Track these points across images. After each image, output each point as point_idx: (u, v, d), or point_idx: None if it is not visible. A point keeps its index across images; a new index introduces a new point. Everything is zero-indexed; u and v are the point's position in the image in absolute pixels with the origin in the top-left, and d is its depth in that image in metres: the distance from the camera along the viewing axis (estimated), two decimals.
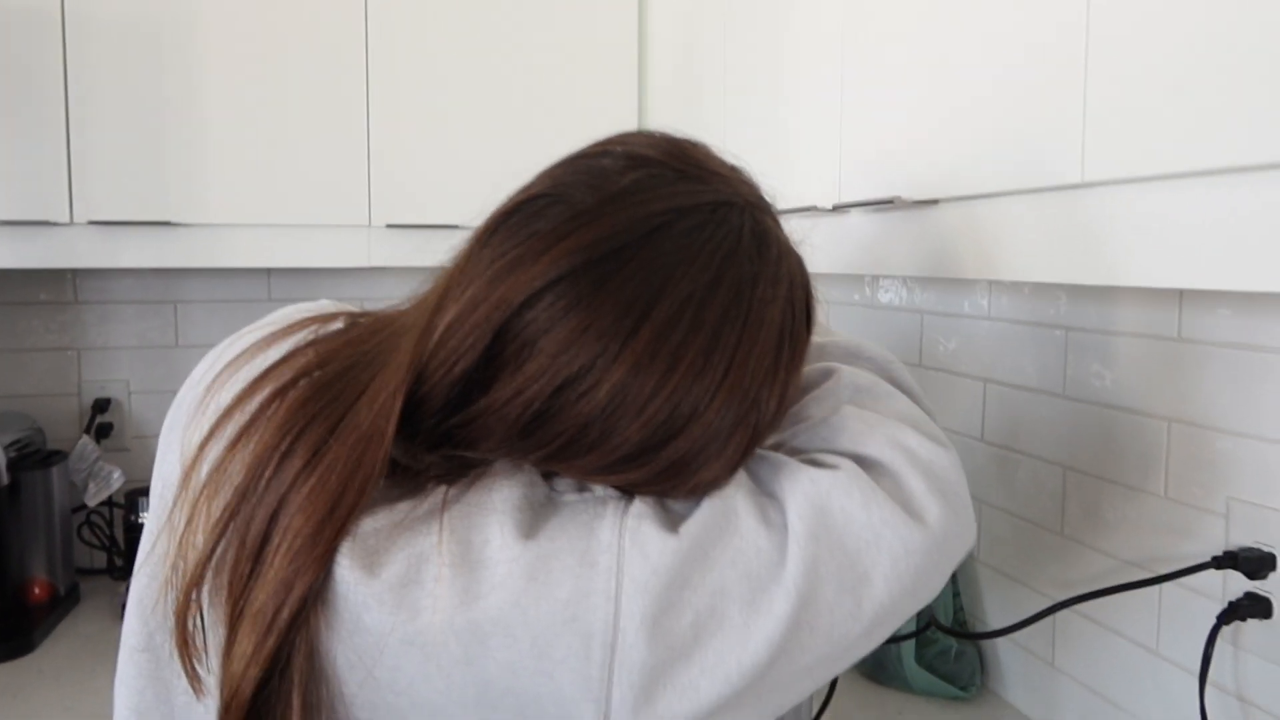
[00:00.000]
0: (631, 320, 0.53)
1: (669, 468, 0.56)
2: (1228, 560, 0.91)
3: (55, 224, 1.48)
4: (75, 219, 1.48)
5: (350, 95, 1.57)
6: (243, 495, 0.55)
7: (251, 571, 0.53)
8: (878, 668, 1.34)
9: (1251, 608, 0.90)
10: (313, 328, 0.64)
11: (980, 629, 1.34)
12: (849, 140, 1.00)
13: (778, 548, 0.54)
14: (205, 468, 0.58)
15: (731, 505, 0.56)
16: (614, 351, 0.53)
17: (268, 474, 0.55)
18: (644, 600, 0.52)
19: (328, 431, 0.55)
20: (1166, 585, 1.01)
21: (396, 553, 0.53)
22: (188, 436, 0.62)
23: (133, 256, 1.52)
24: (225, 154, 1.53)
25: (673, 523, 0.55)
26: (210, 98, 1.52)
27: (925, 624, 1.24)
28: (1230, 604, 0.91)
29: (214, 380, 0.63)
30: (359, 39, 1.55)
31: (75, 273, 1.82)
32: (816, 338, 0.68)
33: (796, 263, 0.61)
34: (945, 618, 1.31)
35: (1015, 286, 1.25)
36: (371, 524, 0.54)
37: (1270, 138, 0.54)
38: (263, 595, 0.52)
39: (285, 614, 0.52)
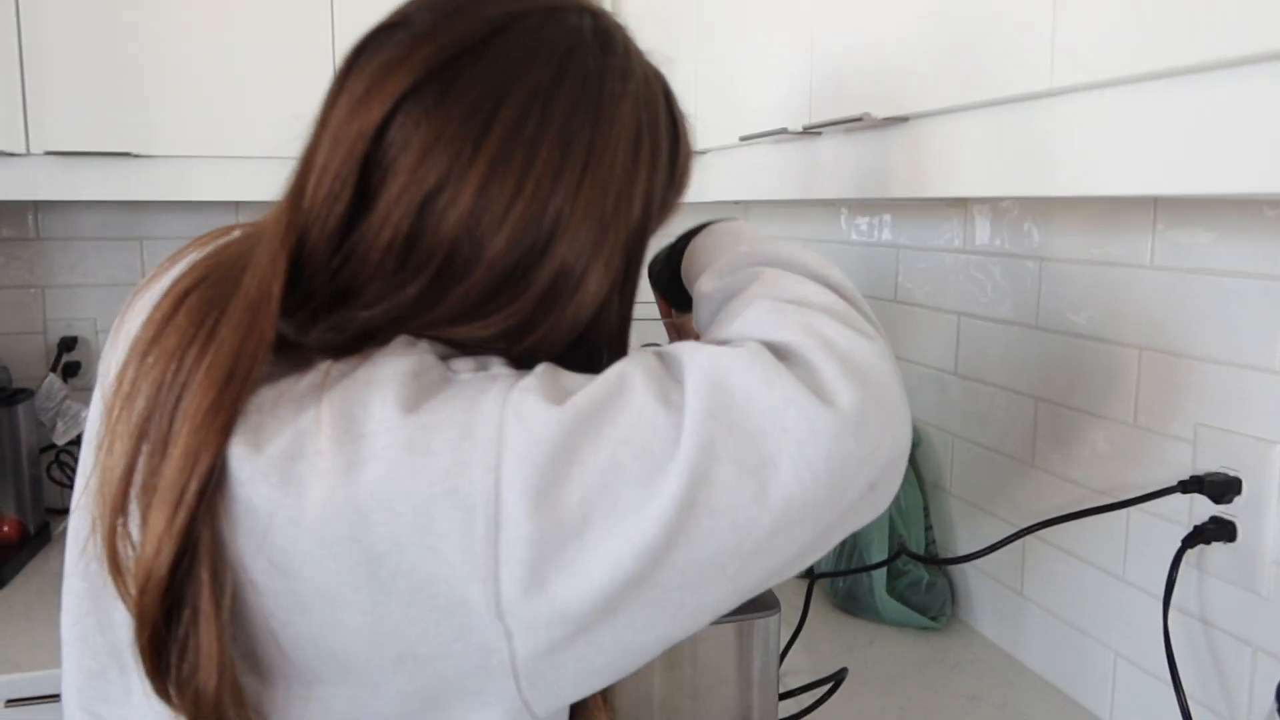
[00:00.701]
0: (479, 122, 0.54)
1: (550, 289, 0.57)
2: (1194, 484, 0.91)
3: (11, 154, 1.44)
4: (32, 149, 1.44)
5: (316, 22, 1.52)
6: (153, 402, 0.54)
7: (162, 461, 0.52)
8: (849, 599, 1.34)
9: (1216, 531, 0.90)
10: (212, 242, 0.64)
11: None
12: (819, 60, 0.97)
13: (675, 425, 0.51)
14: (123, 392, 0.56)
15: (625, 380, 0.53)
16: (468, 155, 0.54)
17: (170, 375, 0.54)
18: (525, 472, 0.50)
19: (220, 313, 0.55)
20: (1133, 512, 1.01)
21: (282, 427, 0.52)
22: (104, 369, 0.62)
23: (93, 189, 1.48)
24: (188, 82, 1.49)
25: (561, 398, 0.53)
26: (171, 22, 1.48)
27: (896, 552, 1.25)
28: (1195, 528, 0.91)
29: (124, 311, 0.62)
30: None
31: (38, 207, 1.78)
32: (756, 245, 0.67)
33: (651, 68, 0.63)
34: (917, 548, 1.32)
35: (990, 217, 1.24)
36: (258, 400, 0.54)
37: (1247, 29, 0.53)
38: (170, 473, 0.52)
39: (193, 487, 0.51)
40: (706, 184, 1.30)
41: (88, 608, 0.60)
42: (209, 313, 0.56)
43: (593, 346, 0.64)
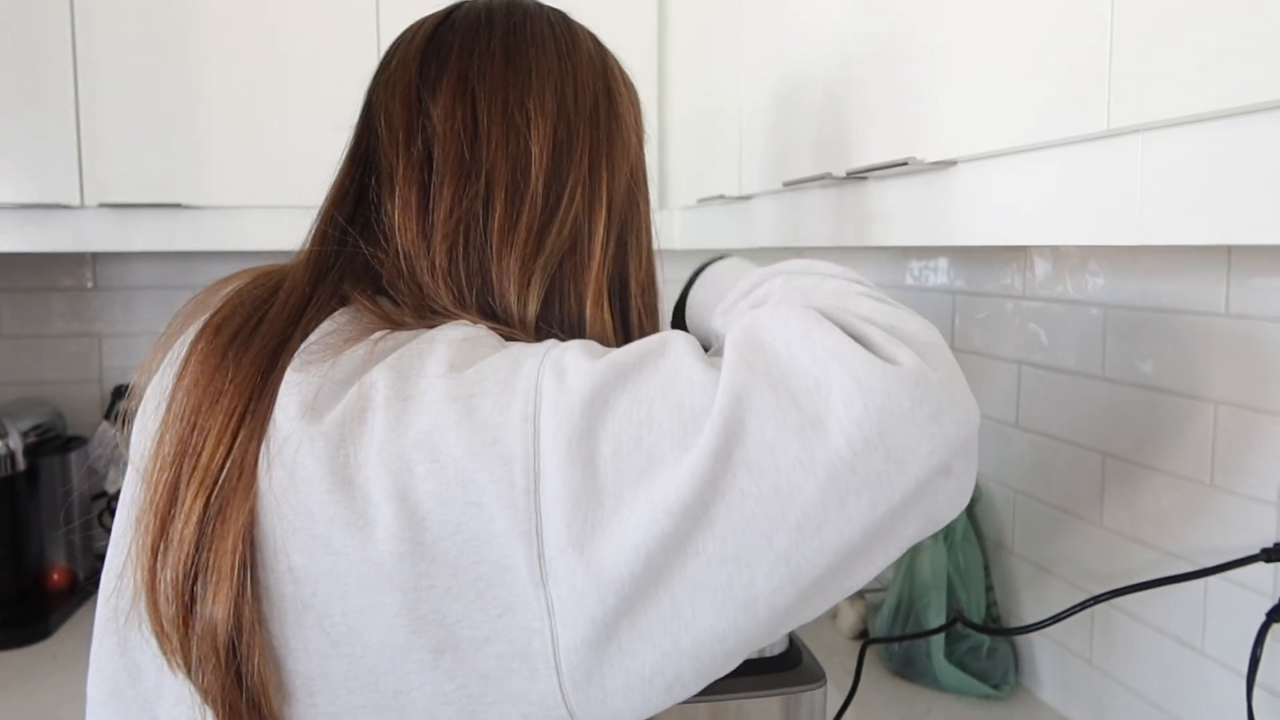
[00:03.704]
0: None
1: (571, 243, 0.63)
2: (1278, 553, 0.84)
3: (67, 207, 1.46)
4: (86, 202, 1.46)
5: (363, 73, 1.53)
6: (185, 440, 0.55)
7: (210, 495, 0.54)
8: (906, 664, 1.28)
9: None
10: (236, 282, 0.65)
11: (1014, 625, 1.27)
12: (861, 101, 0.94)
13: (713, 382, 0.49)
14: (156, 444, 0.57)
15: (667, 341, 0.52)
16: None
17: (205, 406, 0.56)
18: (560, 423, 0.49)
19: (252, 329, 0.59)
20: (1212, 579, 0.94)
21: (341, 395, 0.53)
22: (142, 426, 0.62)
23: (145, 239, 1.50)
24: (237, 134, 1.51)
25: (600, 355, 0.52)
26: (221, 77, 1.50)
27: (952, 619, 1.18)
28: None
29: (150, 362, 0.64)
30: (368, 25, 1.52)
31: (95, 258, 1.82)
32: (762, 270, 0.66)
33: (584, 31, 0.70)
34: (977, 613, 1.25)
35: (1051, 261, 1.18)
36: (317, 374, 0.55)
37: None
38: (205, 459, 0.54)
39: (231, 465, 0.53)
40: (752, 230, 1.27)
41: (117, 663, 0.59)
42: (238, 334, 0.58)
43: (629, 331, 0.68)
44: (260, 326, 0.59)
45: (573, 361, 0.52)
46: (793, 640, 0.89)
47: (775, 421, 0.47)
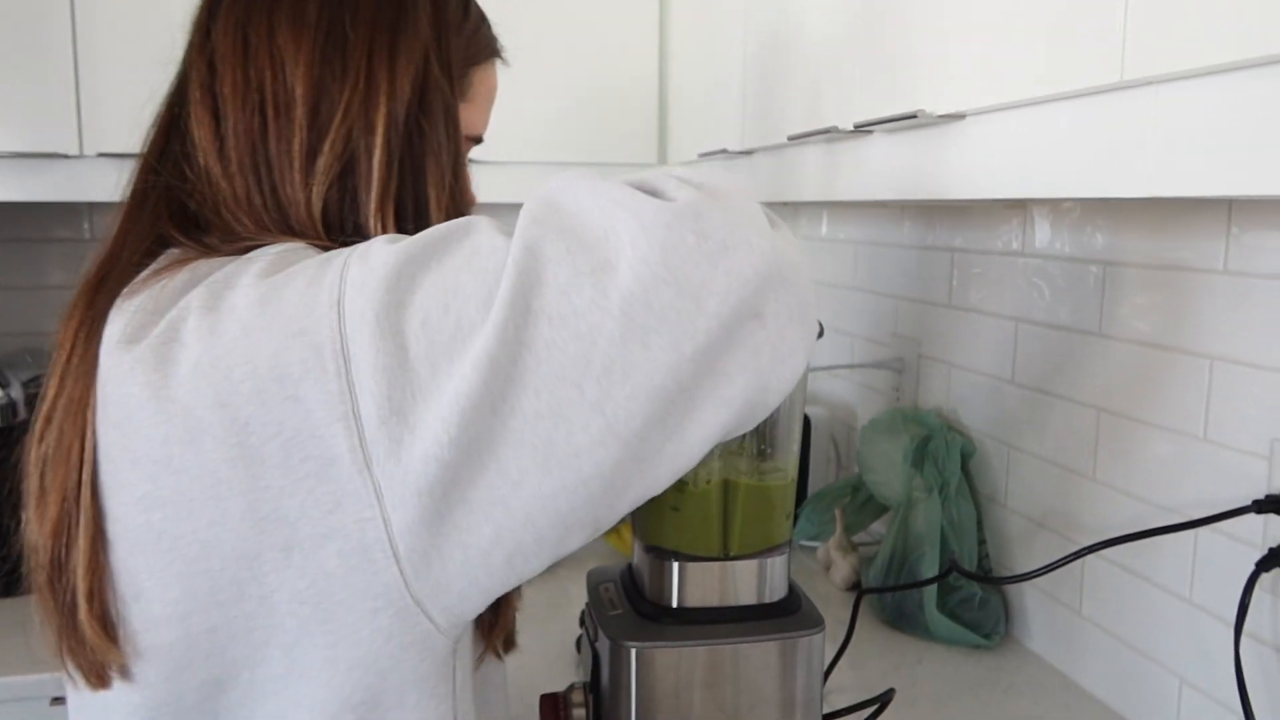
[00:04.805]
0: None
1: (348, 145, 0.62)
2: (1270, 504, 0.86)
3: (65, 156, 1.45)
4: (85, 151, 1.45)
5: None
6: (43, 392, 0.60)
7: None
8: (898, 615, 1.30)
9: None
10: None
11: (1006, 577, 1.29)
12: (866, 55, 0.94)
13: (511, 244, 0.51)
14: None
15: (471, 221, 0.54)
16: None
17: (56, 360, 0.59)
18: (363, 299, 0.50)
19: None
20: (1202, 531, 0.96)
21: (158, 320, 0.55)
22: None
23: None
24: None
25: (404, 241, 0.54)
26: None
27: (948, 568, 1.20)
28: (1271, 550, 0.86)
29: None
30: None
31: (91, 208, 1.80)
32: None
33: None
34: (970, 565, 1.27)
35: (1050, 219, 1.19)
36: (137, 302, 0.57)
37: None
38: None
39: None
40: (755, 185, 1.27)
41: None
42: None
43: None
44: (91, 275, 0.62)
45: (378, 248, 0.53)
46: (793, 587, 0.91)
47: (568, 267, 0.49)
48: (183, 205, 0.65)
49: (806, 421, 1.65)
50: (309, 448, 0.50)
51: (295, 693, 0.55)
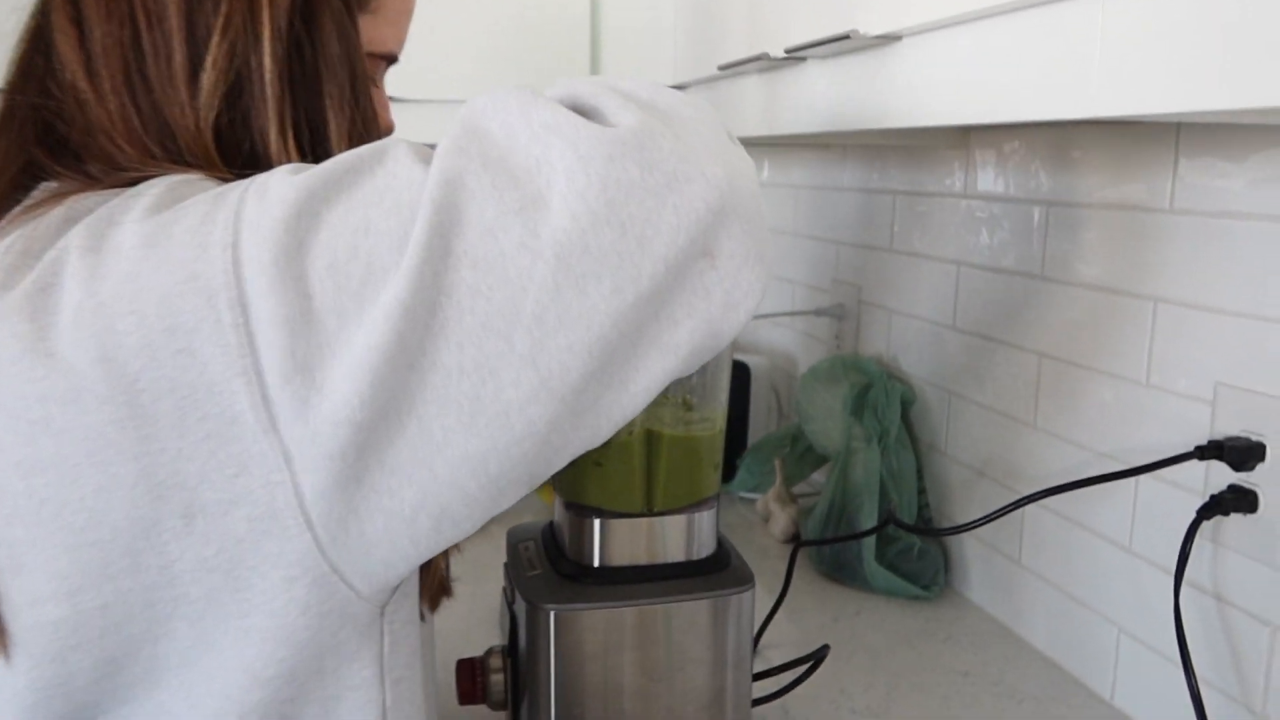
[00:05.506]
0: None
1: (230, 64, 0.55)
2: (1212, 450, 0.83)
3: None
4: None
5: None
6: None
7: None
8: (837, 567, 1.27)
9: (1235, 501, 0.82)
10: None
11: (946, 527, 1.27)
12: None
13: (429, 175, 0.45)
14: None
15: (385, 146, 0.48)
16: None
17: None
18: (260, 240, 0.44)
19: None
20: (1143, 479, 0.93)
21: (35, 264, 0.48)
22: None
23: None
24: None
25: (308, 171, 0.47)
26: None
27: (884, 520, 1.17)
28: (1212, 497, 0.83)
29: None
30: None
31: None
32: None
33: None
34: (909, 515, 1.24)
35: (994, 159, 1.15)
36: (7, 243, 0.50)
37: None
38: None
39: None
40: None
41: None
42: None
43: None
44: None
45: (278, 180, 0.46)
46: (721, 542, 0.86)
47: (494, 203, 0.44)
48: (49, 126, 0.57)
49: (746, 370, 1.61)
50: (206, 406, 0.45)
51: (205, 667, 0.50)
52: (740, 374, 1.61)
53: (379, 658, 0.53)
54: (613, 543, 0.81)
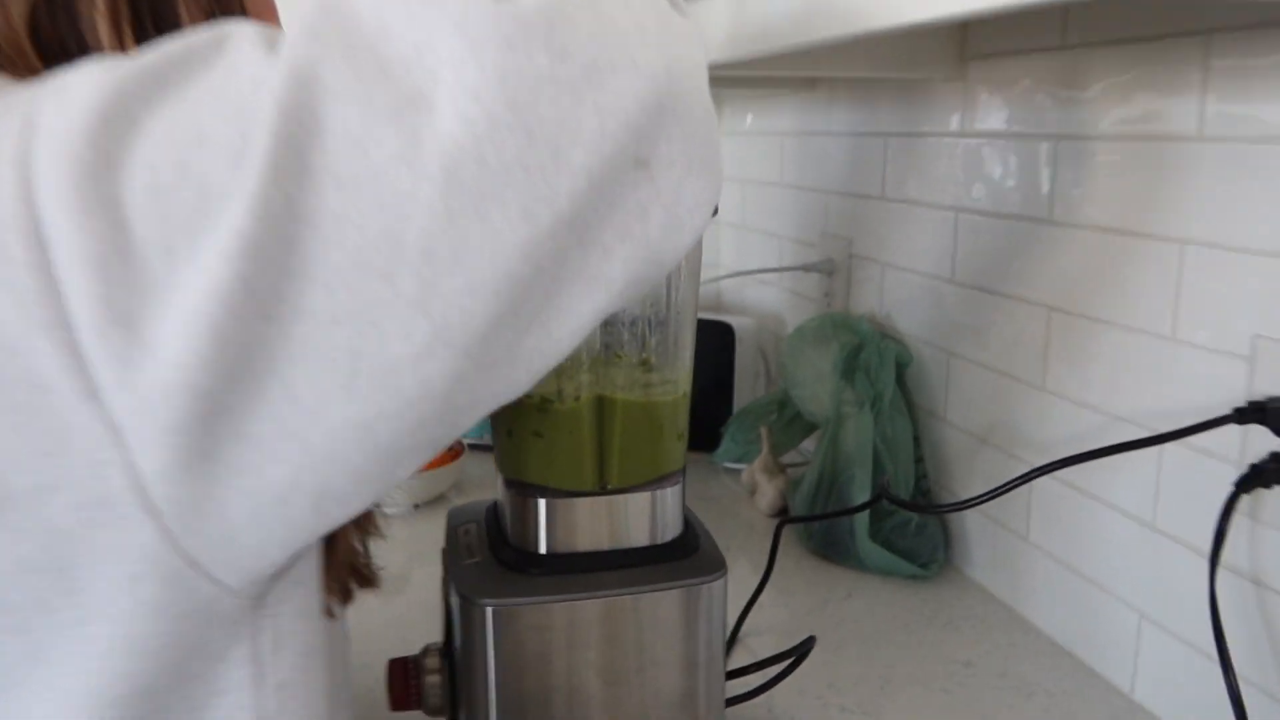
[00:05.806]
0: None
1: None
2: (1252, 413, 0.72)
3: None
4: None
5: None
6: None
7: None
8: (828, 544, 1.17)
9: (1278, 471, 0.71)
10: None
11: (947, 500, 1.16)
12: None
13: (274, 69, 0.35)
14: None
15: (225, 31, 0.37)
16: None
17: None
18: (59, 156, 0.34)
19: None
20: (1169, 446, 0.82)
21: None
22: None
23: None
24: None
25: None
26: None
27: (877, 495, 1.06)
28: (1251, 467, 0.73)
29: None
30: None
31: None
32: None
33: None
34: (906, 487, 1.13)
35: (994, 91, 1.03)
36: None
37: None
38: None
39: None
40: None
41: None
42: None
43: None
44: None
45: (84, 76, 0.36)
46: (689, 523, 0.76)
47: (360, 105, 0.34)
48: None
49: (730, 332, 1.50)
50: (5, 370, 0.36)
51: (36, 685, 0.41)
52: (724, 336, 1.50)
53: (253, 657, 0.44)
54: (561, 525, 0.70)
